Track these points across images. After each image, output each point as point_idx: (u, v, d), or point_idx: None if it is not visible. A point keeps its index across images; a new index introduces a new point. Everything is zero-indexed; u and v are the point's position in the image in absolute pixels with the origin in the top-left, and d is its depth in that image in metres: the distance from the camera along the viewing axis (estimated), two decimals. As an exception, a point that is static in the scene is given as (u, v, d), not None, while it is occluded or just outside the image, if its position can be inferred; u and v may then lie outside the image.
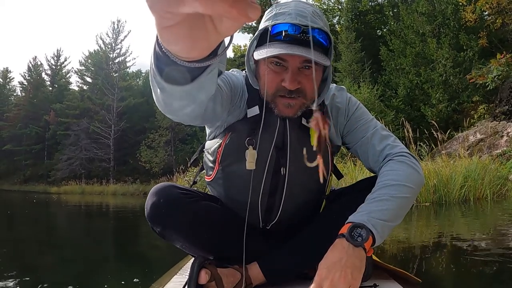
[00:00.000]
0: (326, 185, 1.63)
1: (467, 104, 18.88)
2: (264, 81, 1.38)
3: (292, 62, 1.33)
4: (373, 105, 18.45)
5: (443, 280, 2.58)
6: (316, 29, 1.33)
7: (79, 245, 4.90)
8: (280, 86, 1.35)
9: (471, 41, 19.18)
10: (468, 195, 7.56)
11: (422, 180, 1.53)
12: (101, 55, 43.43)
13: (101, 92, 40.51)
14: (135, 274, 2.87)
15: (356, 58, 24.20)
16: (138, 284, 2.59)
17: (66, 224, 8.43)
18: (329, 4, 33.71)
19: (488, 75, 15.12)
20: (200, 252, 1.52)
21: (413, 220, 5.80)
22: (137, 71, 55.05)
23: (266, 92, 1.38)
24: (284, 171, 1.49)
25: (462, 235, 4.31)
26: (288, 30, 1.29)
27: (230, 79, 1.45)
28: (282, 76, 1.34)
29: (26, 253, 4.18)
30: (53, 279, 2.98)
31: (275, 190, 1.53)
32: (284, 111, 1.39)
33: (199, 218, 1.48)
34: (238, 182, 1.53)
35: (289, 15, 1.31)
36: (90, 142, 38.88)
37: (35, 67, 52.59)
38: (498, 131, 13.08)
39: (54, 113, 45.02)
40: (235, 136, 1.46)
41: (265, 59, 1.35)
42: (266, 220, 1.61)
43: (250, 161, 1.42)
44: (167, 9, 0.45)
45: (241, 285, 1.47)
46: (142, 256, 3.93)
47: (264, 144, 1.46)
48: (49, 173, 43.73)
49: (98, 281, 2.86)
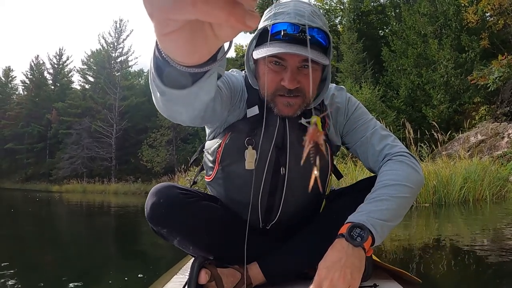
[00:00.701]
0: (326, 185, 1.61)
1: (468, 105, 18.94)
2: (264, 80, 1.38)
3: (291, 61, 1.33)
4: (374, 106, 18.51)
5: (443, 280, 2.58)
6: (315, 28, 1.33)
7: (81, 243, 4.95)
8: (279, 86, 1.36)
9: (472, 42, 19.25)
10: (468, 196, 7.57)
11: (422, 180, 1.52)
12: (103, 54, 43.42)
13: (103, 91, 40.54)
14: (138, 270, 2.87)
15: (358, 58, 24.26)
16: (143, 279, 2.60)
17: (68, 222, 8.50)
18: (331, 4, 33.67)
19: (489, 76, 15.13)
20: (200, 252, 1.52)
21: (413, 220, 5.81)
22: (139, 70, 55.00)
23: (266, 92, 1.39)
24: (284, 170, 1.49)
25: (462, 236, 4.32)
26: (287, 30, 1.29)
27: (230, 80, 1.45)
28: (282, 76, 1.34)
29: (29, 250, 4.24)
30: (56, 274, 3.02)
31: (275, 190, 1.53)
32: (283, 110, 1.39)
33: (199, 218, 1.48)
34: (237, 182, 1.53)
35: (288, 15, 1.32)
36: (92, 141, 38.90)
37: (37, 66, 52.54)
38: (499, 133, 13.09)
39: (56, 112, 45.06)
40: (234, 136, 1.46)
41: (264, 59, 1.35)
42: (266, 220, 1.60)
43: (249, 161, 1.43)
44: (166, 16, 0.46)
45: (241, 285, 1.46)
46: (145, 254, 3.95)
47: (264, 144, 1.46)
48: (50, 171, 43.76)
49: (101, 277, 2.90)
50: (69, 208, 12.93)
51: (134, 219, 8.29)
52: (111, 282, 2.66)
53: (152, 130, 33.65)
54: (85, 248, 4.51)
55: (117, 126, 38.86)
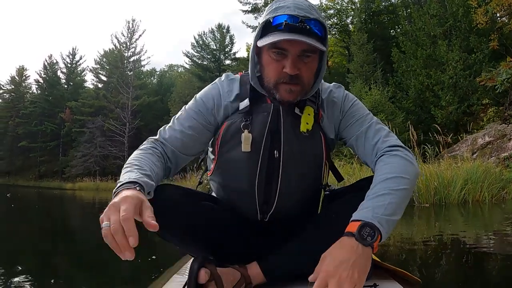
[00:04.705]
0: (322, 173, 1.63)
1: (477, 107, 18.84)
2: (268, 70, 1.50)
3: (292, 50, 1.43)
4: (383, 107, 18.53)
5: (443, 280, 2.58)
6: (312, 20, 1.43)
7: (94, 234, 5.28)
8: (281, 73, 1.45)
9: (481, 44, 19.15)
10: (467, 198, 7.63)
11: (418, 171, 1.53)
12: (116, 54, 43.67)
13: (116, 90, 40.78)
14: (138, 270, 2.96)
15: (368, 59, 24.21)
16: (155, 261, 2.75)
17: (81, 218, 9.08)
18: (342, 4, 33.62)
19: (497, 78, 15.10)
20: (200, 252, 1.51)
21: (413, 220, 5.88)
22: (152, 69, 55.37)
23: (269, 80, 1.50)
24: (278, 154, 1.52)
25: (462, 236, 4.39)
26: (287, 20, 1.39)
27: (197, 111, 1.61)
28: (283, 63, 1.44)
29: (41, 244, 4.63)
30: (65, 265, 3.36)
31: (271, 175, 1.54)
32: (285, 96, 1.48)
33: (198, 218, 1.50)
34: (235, 168, 1.56)
35: (288, 8, 1.42)
36: (104, 140, 39.24)
37: (51, 65, 52.88)
38: (506, 134, 13.02)
39: (69, 110, 45.44)
40: (231, 123, 1.55)
41: (268, 50, 1.46)
42: (264, 210, 1.60)
43: (245, 143, 1.49)
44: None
45: (241, 285, 1.46)
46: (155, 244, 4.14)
47: (259, 128, 1.52)
48: (63, 169, 44.23)
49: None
50: (84, 205, 13.38)
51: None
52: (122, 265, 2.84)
53: (164, 129, 33.80)
54: (96, 239, 4.83)
55: (129, 125, 39.14)
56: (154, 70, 56.95)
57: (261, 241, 1.61)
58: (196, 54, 38.36)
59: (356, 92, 21.14)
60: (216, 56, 38.12)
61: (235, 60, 37.77)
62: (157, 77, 56.60)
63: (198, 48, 38.31)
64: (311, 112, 1.55)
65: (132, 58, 43.20)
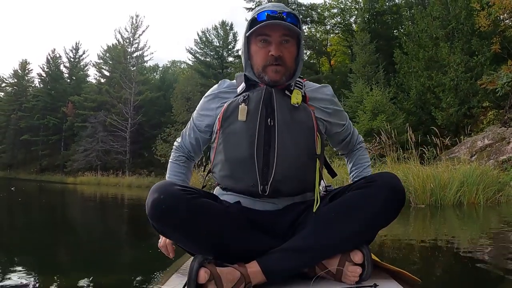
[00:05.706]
0: (315, 143, 1.77)
1: (477, 109, 18.90)
2: (256, 58, 1.77)
3: (275, 36, 1.73)
4: (384, 107, 18.63)
5: (443, 280, 2.62)
6: (287, 12, 1.73)
7: (97, 229, 5.54)
8: (268, 57, 1.73)
9: (483, 46, 19.20)
10: (463, 200, 7.72)
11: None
12: (119, 49, 43.53)
13: (118, 85, 40.62)
14: (138, 269, 3.04)
15: (371, 59, 24.29)
16: (158, 254, 2.92)
17: (82, 211, 9.32)
18: (346, 3, 33.67)
19: (498, 81, 15.22)
20: (199, 250, 1.54)
21: (411, 220, 5.98)
22: (154, 65, 55.40)
23: (258, 65, 1.77)
24: (272, 122, 1.72)
25: (461, 236, 4.46)
26: (269, 13, 1.70)
27: (202, 114, 1.92)
28: (269, 49, 1.72)
29: (45, 237, 4.77)
30: (68, 258, 3.49)
31: (268, 142, 1.71)
32: (272, 76, 1.73)
33: (198, 215, 1.52)
34: (235, 138, 1.74)
35: (267, 7, 1.74)
36: (106, 135, 39.23)
37: (54, 59, 52.98)
38: (505, 137, 13.10)
39: (72, 105, 45.42)
40: (231, 102, 1.79)
41: (255, 41, 1.76)
42: (264, 180, 1.71)
43: (241, 114, 1.72)
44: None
45: (240, 284, 1.47)
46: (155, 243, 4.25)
47: (254, 101, 1.75)
48: (65, 163, 44.26)
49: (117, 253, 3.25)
50: (86, 199, 13.53)
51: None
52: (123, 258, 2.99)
53: (166, 125, 33.66)
54: (100, 233, 5.12)
55: (131, 120, 39.05)
56: (157, 66, 57.14)
57: (261, 240, 1.65)
58: (199, 50, 38.28)
59: (357, 92, 21.22)
60: (219, 53, 38.04)
61: (238, 58, 37.66)
62: (159, 73, 56.70)
63: (201, 45, 38.20)
64: (299, 93, 1.78)
65: (135, 54, 43.06)
